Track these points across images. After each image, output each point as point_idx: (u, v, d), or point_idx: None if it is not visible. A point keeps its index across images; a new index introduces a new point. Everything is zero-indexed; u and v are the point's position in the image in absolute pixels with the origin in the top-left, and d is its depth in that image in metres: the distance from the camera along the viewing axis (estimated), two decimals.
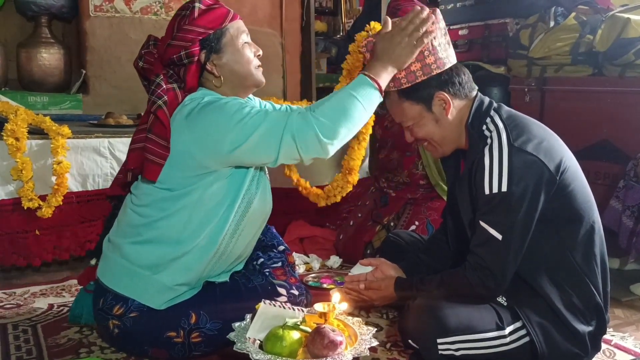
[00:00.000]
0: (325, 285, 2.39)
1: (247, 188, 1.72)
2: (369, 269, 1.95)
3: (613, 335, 1.94)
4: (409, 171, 2.74)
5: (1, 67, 3.56)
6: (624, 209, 2.40)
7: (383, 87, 1.64)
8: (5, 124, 2.42)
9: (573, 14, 3.13)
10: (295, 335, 1.46)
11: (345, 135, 1.60)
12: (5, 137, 2.40)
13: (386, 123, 2.80)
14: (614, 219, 2.42)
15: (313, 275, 2.52)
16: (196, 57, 1.68)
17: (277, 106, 2.00)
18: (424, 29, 1.63)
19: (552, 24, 3.19)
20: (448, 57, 1.69)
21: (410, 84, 1.67)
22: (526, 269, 1.62)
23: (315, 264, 2.66)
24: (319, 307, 1.55)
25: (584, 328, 1.61)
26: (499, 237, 1.56)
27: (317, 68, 5.52)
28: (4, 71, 3.60)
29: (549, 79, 3.15)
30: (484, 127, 1.66)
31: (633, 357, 1.82)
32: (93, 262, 1.96)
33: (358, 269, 1.98)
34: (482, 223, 1.60)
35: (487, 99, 1.73)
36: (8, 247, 2.47)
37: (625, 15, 2.80)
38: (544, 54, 3.13)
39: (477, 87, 1.74)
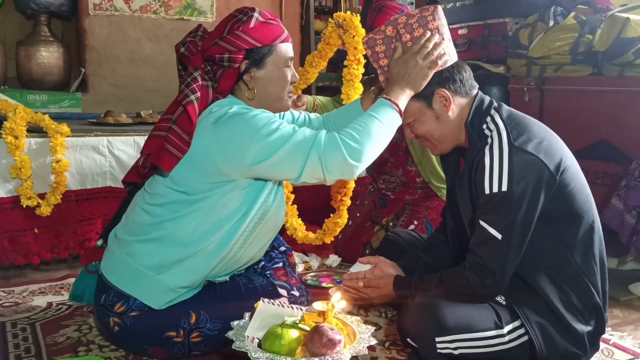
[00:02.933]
0: (324, 284, 2.39)
1: (263, 200, 1.72)
2: (368, 267, 1.95)
3: (612, 335, 1.95)
4: (403, 169, 2.74)
5: (0, 65, 3.56)
6: (627, 208, 2.40)
7: (402, 109, 1.67)
8: (4, 122, 2.42)
9: (572, 13, 3.13)
10: (294, 333, 1.46)
11: (370, 157, 1.63)
12: (4, 135, 2.40)
13: None
14: (615, 218, 2.42)
15: (312, 274, 2.52)
16: (237, 64, 1.68)
17: (296, 114, 2.01)
18: (437, 53, 1.67)
19: (551, 23, 3.19)
20: (450, 54, 1.70)
21: None
22: (525, 269, 1.62)
23: (314, 263, 2.66)
24: (317, 305, 1.55)
25: (583, 328, 1.62)
26: (499, 236, 1.56)
27: None
28: (3, 69, 3.60)
29: (548, 79, 3.16)
30: (484, 126, 1.66)
31: (631, 357, 1.82)
32: (99, 242, 1.94)
33: (357, 267, 1.98)
34: (481, 222, 1.60)
35: (487, 98, 1.73)
36: (7, 245, 2.47)
37: (625, 15, 2.80)
38: (544, 53, 3.14)
39: (477, 86, 1.75)
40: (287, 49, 1.75)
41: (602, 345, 1.81)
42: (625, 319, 2.14)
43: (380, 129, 1.63)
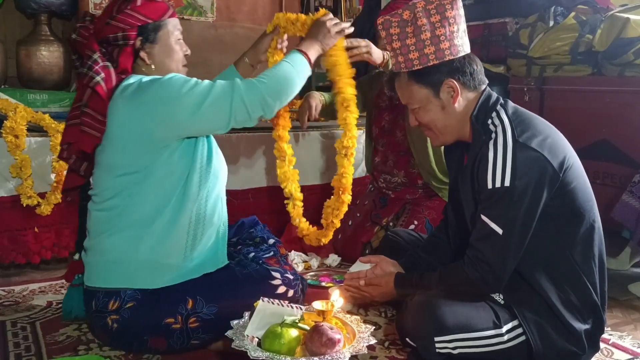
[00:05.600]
0: (324, 284, 2.39)
1: (200, 152, 1.79)
2: (369, 266, 1.95)
3: (611, 335, 1.95)
4: (405, 171, 2.74)
5: (1, 65, 3.55)
6: None
7: (312, 61, 1.89)
8: (5, 121, 2.42)
9: (572, 13, 3.13)
10: (293, 333, 1.46)
11: (285, 96, 1.79)
12: (4, 135, 2.40)
13: (383, 123, 2.80)
14: (626, 213, 2.41)
15: (312, 273, 2.52)
16: (132, 41, 1.77)
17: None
18: (341, 27, 2.00)
19: (551, 23, 3.19)
20: (463, 45, 1.69)
21: (421, 67, 1.67)
22: (524, 266, 1.62)
23: (314, 262, 2.66)
24: (317, 305, 1.55)
25: (581, 326, 1.61)
26: (500, 231, 1.56)
27: (316, 67, 5.51)
28: (4, 69, 3.59)
29: (548, 79, 3.15)
30: (489, 121, 1.66)
31: (631, 356, 1.83)
32: (76, 257, 1.98)
33: (358, 267, 1.98)
34: (483, 217, 1.60)
35: (494, 94, 1.72)
36: (7, 244, 2.47)
37: (625, 15, 2.80)
38: (544, 53, 3.13)
39: (487, 81, 1.74)
40: (175, 24, 1.86)
41: (601, 344, 1.81)
42: (625, 319, 2.14)
43: (292, 71, 1.80)
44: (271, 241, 2.08)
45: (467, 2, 3.90)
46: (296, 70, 1.82)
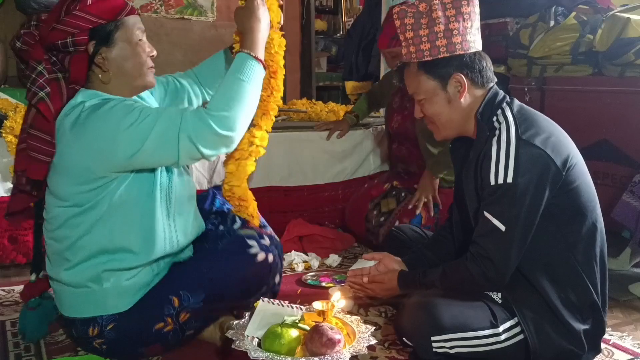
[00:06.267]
0: (324, 284, 2.39)
1: (160, 177, 1.63)
2: (372, 263, 1.95)
3: (611, 335, 1.95)
4: (416, 163, 2.84)
5: (1, 64, 3.56)
6: None
7: (262, 58, 1.65)
8: (5, 121, 2.42)
9: (573, 13, 3.13)
10: (293, 333, 1.46)
11: (244, 121, 1.57)
12: (4, 134, 2.40)
13: (393, 123, 2.91)
14: (626, 214, 2.40)
15: (312, 273, 2.52)
16: (83, 47, 1.55)
17: (162, 79, 1.93)
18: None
19: (552, 23, 3.19)
20: (475, 42, 1.69)
21: (432, 58, 1.67)
22: (525, 263, 1.61)
23: (315, 262, 2.66)
24: (317, 305, 1.55)
25: (580, 325, 1.61)
26: (502, 228, 1.56)
27: (317, 67, 5.52)
28: (4, 68, 3.60)
29: (549, 79, 3.15)
30: (494, 118, 1.66)
31: (631, 357, 1.82)
32: (33, 277, 1.82)
33: (360, 264, 1.98)
34: (486, 213, 1.60)
35: (502, 93, 1.72)
36: (7, 244, 2.47)
37: (626, 15, 2.80)
38: (544, 53, 3.13)
39: (495, 79, 1.73)
40: (134, 22, 1.63)
41: (602, 345, 1.81)
42: (625, 319, 2.13)
43: (248, 90, 1.57)
44: (227, 208, 1.96)
45: None
46: (252, 86, 1.59)
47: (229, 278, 1.65)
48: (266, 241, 1.81)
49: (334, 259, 2.72)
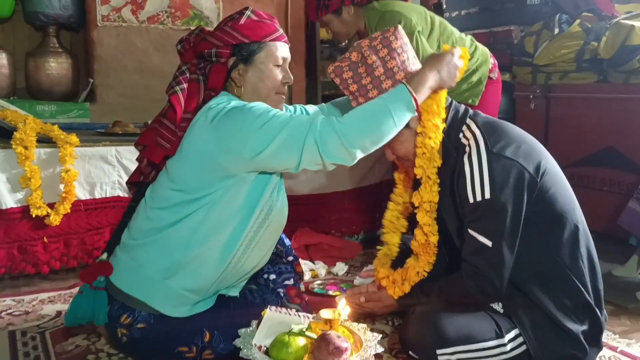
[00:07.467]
0: (331, 292, 2.39)
1: (268, 197, 1.70)
2: (369, 280, 1.96)
3: (619, 342, 1.94)
4: None
5: (10, 76, 3.60)
6: None
7: (420, 101, 1.60)
8: (15, 132, 2.45)
9: (577, 21, 3.14)
10: (301, 341, 1.46)
11: (370, 146, 1.56)
12: (14, 146, 2.42)
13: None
14: (633, 221, 2.40)
15: (319, 282, 2.52)
16: (224, 59, 1.71)
17: (291, 108, 1.99)
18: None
19: (556, 31, 3.20)
20: (416, 70, 1.67)
21: None
22: (515, 273, 1.61)
23: (321, 270, 2.67)
24: (324, 313, 1.56)
25: (577, 327, 1.61)
26: (489, 243, 1.57)
27: (322, 75, 5.53)
28: (13, 80, 3.64)
29: (554, 86, 3.16)
30: (461, 135, 1.66)
31: None
32: (104, 256, 1.83)
33: (358, 281, 2.01)
34: (470, 231, 1.60)
35: (462, 107, 1.72)
36: (17, 254, 2.49)
37: (630, 23, 2.81)
38: (549, 61, 3.14)
39: (450, 99, 1.74)
40: (279, 47, 1.74)
41: (609, 352, 1.81)
42: (633, 326, 2.13)
43: (388, 122, 1.54)
44: (290, 258, 2.02)
45: (472, 10, 3.93)
46: (395, 120, 1.55)
47: None
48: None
49: (340, 268, 2.72)
